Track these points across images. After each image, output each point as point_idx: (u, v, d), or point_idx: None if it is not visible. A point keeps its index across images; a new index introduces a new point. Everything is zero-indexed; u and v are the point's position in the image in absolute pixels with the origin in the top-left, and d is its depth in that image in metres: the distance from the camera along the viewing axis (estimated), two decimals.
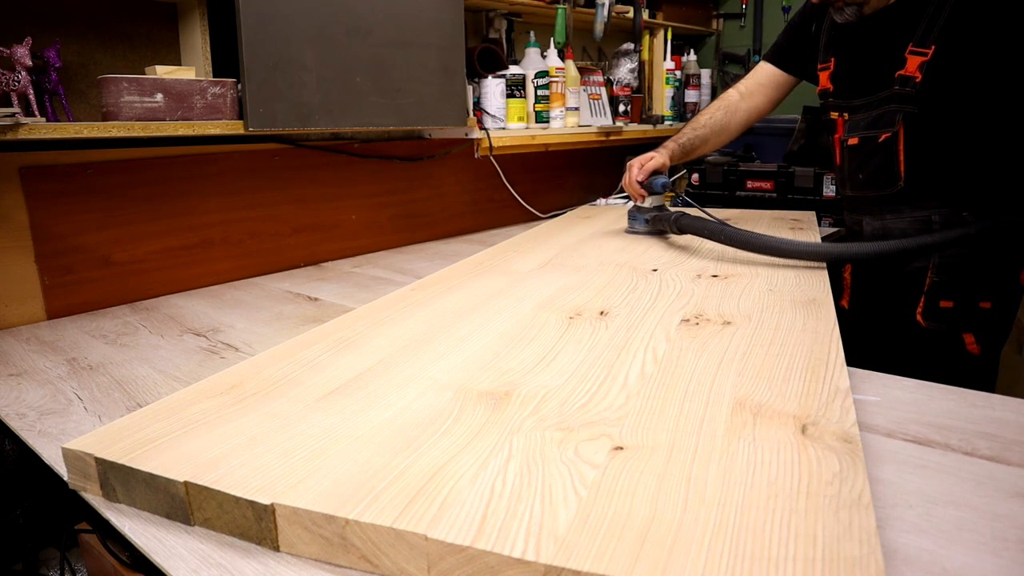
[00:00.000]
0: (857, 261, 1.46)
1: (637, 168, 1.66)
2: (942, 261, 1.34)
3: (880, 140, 1.37)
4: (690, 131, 1.72)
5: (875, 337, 1.49)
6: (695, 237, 1.54)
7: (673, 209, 1.66)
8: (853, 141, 1.43)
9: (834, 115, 1.49)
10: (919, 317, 1.38)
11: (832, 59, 1.47)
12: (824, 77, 1.49)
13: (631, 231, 1.73)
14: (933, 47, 1.28)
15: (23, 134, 1.08)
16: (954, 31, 1.26)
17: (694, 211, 1.68)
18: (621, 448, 0.63)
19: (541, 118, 2.11)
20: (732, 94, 1.71)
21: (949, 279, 1.34)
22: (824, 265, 1.30)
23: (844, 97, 1.46)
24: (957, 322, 1.35)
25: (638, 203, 1.71)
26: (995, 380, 1.42)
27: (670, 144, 1.71)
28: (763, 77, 1.68)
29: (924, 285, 1.36)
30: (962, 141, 1.31)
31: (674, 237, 1.63)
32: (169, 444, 0.65)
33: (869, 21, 1.38)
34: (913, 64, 1.31)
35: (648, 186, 1.65)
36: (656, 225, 1.65)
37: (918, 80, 1.30)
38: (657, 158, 1.67)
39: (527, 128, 2.06)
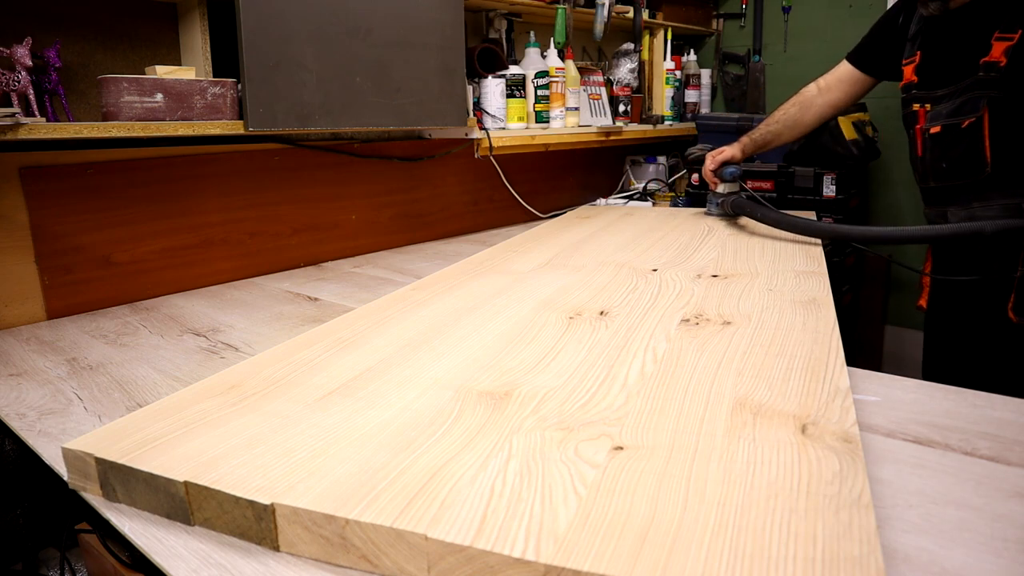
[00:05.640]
0: (928, 241, 1.44)
1: (710, 160, 1.87)
2: None
3: (963, 126, 1.38)
4: (764, 127, 1.85)
5: (960, 337, 1.49)
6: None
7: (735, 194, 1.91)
8: (935, 129, 1.44)
9: (916, 107, 1.51)
10: (1010, 312, 1.37)
11: (918, 52, 1.50)
12: (909, 71, 1.53)
13: (708, 213, 1.97)
14: (1021, 31, 1.29)
15: (23, 134, 1.08)
16: None
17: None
18: (621, 448, 0.63)
19: (541, 118, 2.11)
20: (811, 88, 1.78)
21: None
22: (824, 267, 1.29)
23: (928, 88, 1.48)
24: None
25: (713, 190, 1.92)
26: None
27: (743, 139, 1.86)
28: (843, 74, 1.73)
29: (1014, 280, 1.35)
30: None
31: (745, 220, 1.81)
32: (169, 444, 0.65)
33: (955, 14, 1.41)
34: (999, 49, 1.32)
35: (720, 174, 1.87)
36: (723, 208, 1.89)
37: (1003, 64, 1.31)
38: (727, 151, 1.85)
39: (527, 128, 2.05)
